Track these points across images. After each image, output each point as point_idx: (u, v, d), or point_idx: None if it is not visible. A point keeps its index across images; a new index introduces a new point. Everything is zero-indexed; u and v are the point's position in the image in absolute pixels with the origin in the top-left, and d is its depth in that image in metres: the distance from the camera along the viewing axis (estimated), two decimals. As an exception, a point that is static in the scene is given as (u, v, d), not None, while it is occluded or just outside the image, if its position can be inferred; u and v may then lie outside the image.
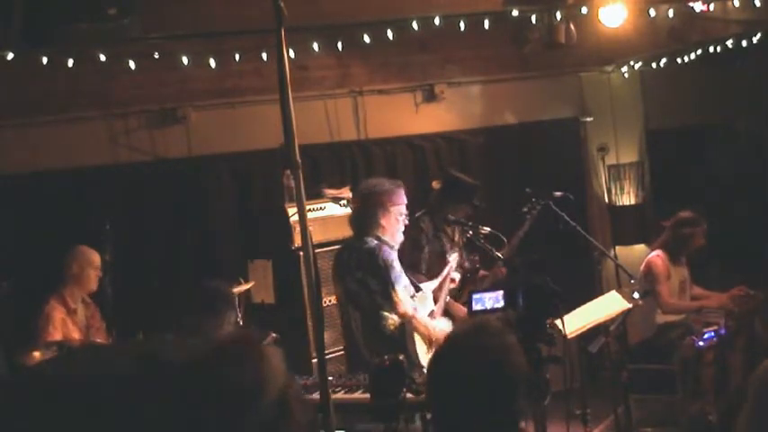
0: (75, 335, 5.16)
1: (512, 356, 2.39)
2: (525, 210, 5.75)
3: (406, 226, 4.97)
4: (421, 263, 5.45)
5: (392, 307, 4.68)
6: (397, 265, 4.71)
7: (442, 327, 4.88)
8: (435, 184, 5.75)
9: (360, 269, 4.75)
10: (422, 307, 4.90)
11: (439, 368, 2.45)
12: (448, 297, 5.28)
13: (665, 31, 6.82)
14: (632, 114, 8.04)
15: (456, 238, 5.70)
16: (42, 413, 1.16)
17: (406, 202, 4.90)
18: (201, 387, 1.16)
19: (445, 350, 2.50)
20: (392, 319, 4.72)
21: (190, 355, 1.21)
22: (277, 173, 6.01)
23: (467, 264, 5.74)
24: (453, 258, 5.30)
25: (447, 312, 5.30)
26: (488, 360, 2.35)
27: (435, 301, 5.12)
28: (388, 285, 4.66)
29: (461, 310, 5.48)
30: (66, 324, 5.18)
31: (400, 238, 4.91)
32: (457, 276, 5.33)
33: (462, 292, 5.60)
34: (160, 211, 6.49)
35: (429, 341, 4.82)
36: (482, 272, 5.72)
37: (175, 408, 1.14)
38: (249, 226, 6.55)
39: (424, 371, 4.62)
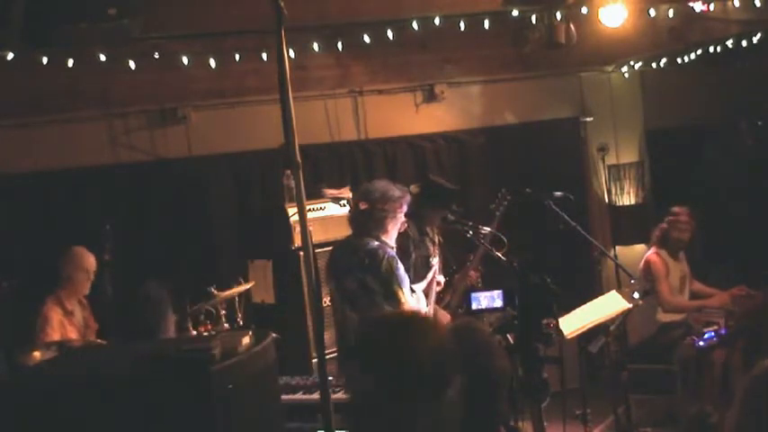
0: (73, 335, 5.16)
1: (495, 358, 2.37)
2: (492, 206, 5.74)
3: None
4: (409, 269, 5.43)
5: (397, 308, 4.65)
6: (401, 266, 4.71)
7: None
8: (414, 189, 5.72)
9: (360, 269, 4.72)
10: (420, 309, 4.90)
11: None
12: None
13: (665, 31, 6.82)
14: (632, 114, 8.05)
15: (437, 240, 5.67)
16: (42, 413, 1.16)
17: (407, 209, 4.93)
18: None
19: None
20: None
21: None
22: (277, 173, 6.01)
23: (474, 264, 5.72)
24: (437, 262, 5.31)
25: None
26: (471, 361, 2.33)
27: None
28: (392, 286, 4.63)
29: (443, 314, 5.48)
30: (64, 325, 5.18)
31: (395, 242, 4.94)
32: (442, 279, 5.33)
33: (444, 296, 5.59)
34: (160, 211, 6.49)
35: None
36: (456, 276, 5.70)
37: (174, 405, 1.14)
38: (249, 226, 6.55)
39: None
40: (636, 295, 5.13)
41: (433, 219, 5.47)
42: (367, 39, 6.11)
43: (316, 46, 6.15)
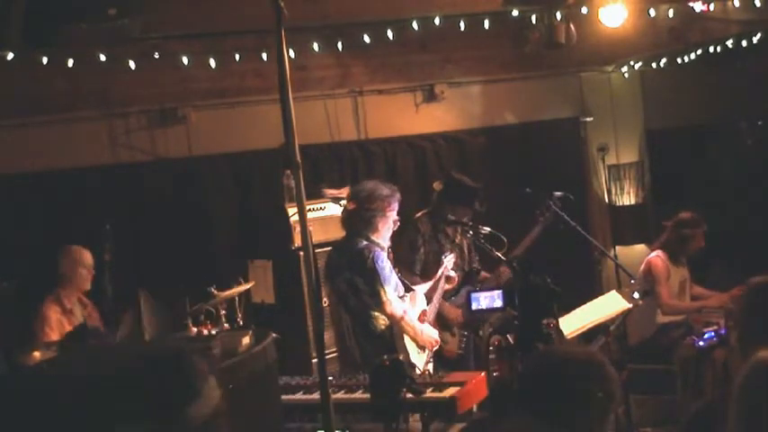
0: (73, 334, 5.16)
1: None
2: (538, 212, 5.74)
3: (402, 226, 4.99)
4: (416, 263, 5.44)
5: (380, 306, 4.68)
6: (386, 265, 4.72)
7: (429, 332, 4.88)
8: (436, 186, 5.74)
9: (349, 269, 4.76)
10: (412, 307, 4.89)
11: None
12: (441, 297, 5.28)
13: (665, 31, 6.82)
14: (632, 114, 8.04)
15: (457, 239, 5.68)
16: (42, 413, 1.16)
17: (397, 207, 4.93)
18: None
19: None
20: (382, 319, 4.73)
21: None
22: (277, 173, 6.01)
23: (474, 265, 5.71)
24: (448, 259, 5.29)
25: (439, 313, 5.29)
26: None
27: (429, 300, 5.11)
28: (376, 285, 4.66)
29: (452, 311, 5.47)
30: (63, 324, 5.17)
31: (389, 241, 4.93)
32: (453, 274, 5.31)
33: (459, 294, 5.59)
34: (160, 211, 6.49)
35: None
36: (483, 273, 5.70)
37: (174, 405, 1.14)
38: (249, 226, 6.54)
39: (417, 371, 4.63)
40: (636, 295, 5.13)
41: (455, 216, 5.47)
42: (367, 39, 6.11)
43: (316, 46, 6.15)
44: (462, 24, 6.06)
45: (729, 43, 6.94)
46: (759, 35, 6.77)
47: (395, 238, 5.03)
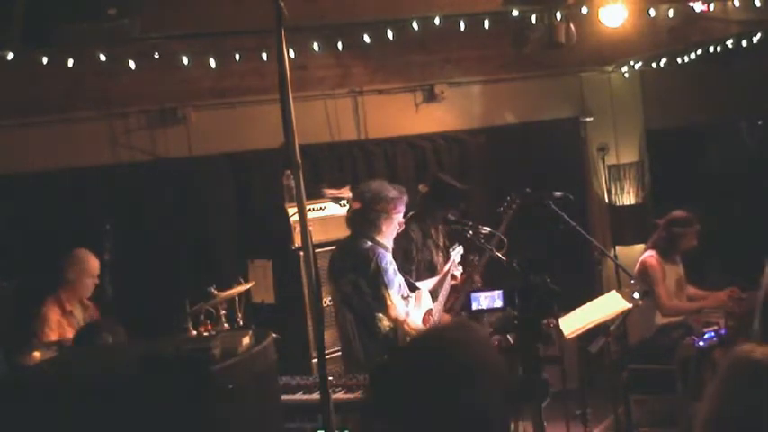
0: (71, 335, 5.16)
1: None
2: (500, 210, 5.73)
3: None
4: (411, 273, 5.40)
5: (384, 310, 4.67)
6: (390, 267, 4.69)
7: None
8: (422, 188, 5.71)
9: (353, 271, 4.74)
10: (417, 308, 4.88)
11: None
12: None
13: (665, 31, 6.82)
14: (632, 114, 8.05)
15: (440, 242, 5.65)
16: (42, 413, 1.16)
17: (404, 209, 4.91)
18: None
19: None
20: (386, 321, 4.71)
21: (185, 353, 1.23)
22: (277, 173, 6.01)
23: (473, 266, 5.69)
24: (456, 252, 5.23)
25: None
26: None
27: (435, 297, 5.09)
28: (380, 288, 4.64)
29: (443, 316, 5.46)
30: (62, 325, 5.18)
31: (392, 242, 4.92)
32: (459, 272, 5.27)
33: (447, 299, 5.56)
34: (160, 211, 6.49)
35: None
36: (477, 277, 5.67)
37: (175, 404, 1.14)
38: (249, 226, 6.55)
39: None
40: (636, 295, 5.13)
41: (439, 218, 5.45)
42: (367, 39, 6.10)
43: (316, 46, 6.15)
44: (462, 24, 6.05)
45: (729, 43, 6.94)
46: (759, 35, 6.77)
47: None
